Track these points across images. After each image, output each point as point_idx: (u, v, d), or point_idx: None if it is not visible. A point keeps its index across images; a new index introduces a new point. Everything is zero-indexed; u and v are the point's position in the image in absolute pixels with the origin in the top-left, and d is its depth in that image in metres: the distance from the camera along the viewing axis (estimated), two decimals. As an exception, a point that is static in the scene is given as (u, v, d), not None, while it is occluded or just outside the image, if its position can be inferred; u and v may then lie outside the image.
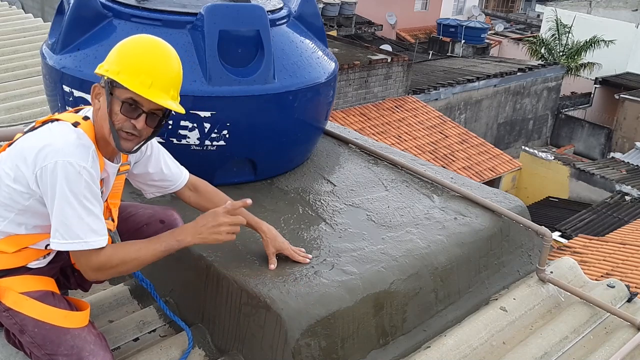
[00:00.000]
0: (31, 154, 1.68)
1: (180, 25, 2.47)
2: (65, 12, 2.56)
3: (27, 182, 1.70)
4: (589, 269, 8.75)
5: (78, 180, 1.66)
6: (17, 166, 1.71)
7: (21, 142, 1.77)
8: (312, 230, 2.39)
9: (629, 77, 23.13)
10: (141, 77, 1.71)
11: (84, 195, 1.67)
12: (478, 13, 33.11)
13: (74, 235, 1.68)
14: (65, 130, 1.73)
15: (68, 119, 1.78)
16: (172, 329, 2.25)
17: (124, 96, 1.72)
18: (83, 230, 1.68)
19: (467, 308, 2.46)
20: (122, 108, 1.73)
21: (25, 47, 5.02)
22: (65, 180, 1.65)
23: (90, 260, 1.74)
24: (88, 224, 1.69)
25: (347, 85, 14.43)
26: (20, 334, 1.82)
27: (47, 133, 1.73)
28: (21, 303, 1.79)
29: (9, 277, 1.80)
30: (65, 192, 1.65)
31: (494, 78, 18.17)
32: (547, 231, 2.64)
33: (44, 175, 1.65)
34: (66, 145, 1.68)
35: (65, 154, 1.66)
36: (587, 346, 2.40)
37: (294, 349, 1.93)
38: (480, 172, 14.49)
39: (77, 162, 1.66)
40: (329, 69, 2.79)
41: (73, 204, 1.66)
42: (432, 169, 3.01)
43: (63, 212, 1.66)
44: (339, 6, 24.36)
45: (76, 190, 1.66)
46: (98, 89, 1.78)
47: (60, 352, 1.80)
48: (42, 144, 1.68)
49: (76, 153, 1.68)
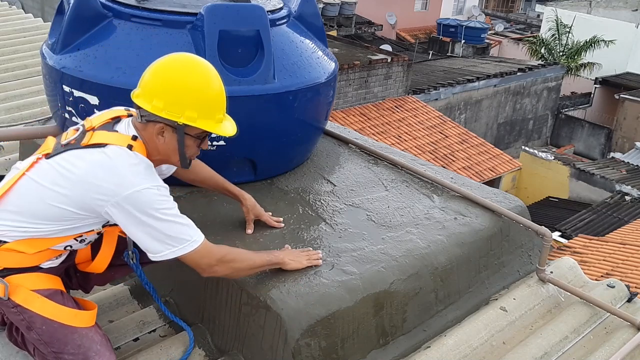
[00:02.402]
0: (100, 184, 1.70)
1: (180, 25, 2.47)
2: (65, 12, 2.56)
3: (90, 208, 1.73)
4: (589, 269, 8.76)
5: (159, 198, 1.74)
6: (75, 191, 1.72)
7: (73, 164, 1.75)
8: (312, 230, 2.39)
9: (629, 77, 23.13)
10: (216, 116, 1.83)
11: (169, 207, 1.76)
12: (478, 13, 33.11)
13: (182, 240, 1.77)
14: (125, 156, 1.76)
15: (119, 142, 1.78)
16: (172, 329, 2.25)
17: (197, 132, 1.83)
18: (188, 233, 1.78)
19: (467, 308, 2.46)
20: (196, 142, 1.86)
21: (25, 47, 5.02)
22: (150, 203, 1.71)
23: (211, 252, 1.83)
24: (187, 225, 1.79)
25: (347, 85, 14.43)
26: (27, 330, 1.82)
27: (108, 161, 1.73)
28: (31, 300, 1.80)
29: (21, 274, 1.81)
30: (155, 214, 1.72)
31: (494, 78, 18.17)
32: (547, 231, 2.64)
33: (126, 205, 1.70)
34: (136, 172, 1.73)
35: (141, 181, 1.71)
36: (587, 346, 2.40)
37: (294, 349, 1.93)
38: (480, 172, 14.50)
39: (152, 184, 1.73)
40: (329, 69, 2.79)
41: (167, 219, 1.74)
42: (432, 169, 3.01)
43: (163, 230, 1.74)
44: (339, 6, 24.35)
45: (162, 206, 1.74)
46: (162, 128, 1.80)
47: (67, 351, 1.81)
48: (110, 174, 1.71)
49: (146, 175, 1.74)
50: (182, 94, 1.77)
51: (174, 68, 1.81)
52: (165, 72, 1.80)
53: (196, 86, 1.79)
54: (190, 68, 1.82)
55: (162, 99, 1.76)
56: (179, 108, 1.76)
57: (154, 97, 1.77)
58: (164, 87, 1.77)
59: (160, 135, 1.81)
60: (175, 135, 1.81)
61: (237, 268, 1.93)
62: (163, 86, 1.77)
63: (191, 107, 1.77)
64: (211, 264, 1.84)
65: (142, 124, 1.82)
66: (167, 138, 1.82)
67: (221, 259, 1.86)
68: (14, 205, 1.77)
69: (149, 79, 1.80)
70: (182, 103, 1.76)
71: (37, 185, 1.75)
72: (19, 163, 1.89)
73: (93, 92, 2.43)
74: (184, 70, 1.80)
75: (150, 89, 1.78)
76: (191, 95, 1.77)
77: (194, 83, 1.79)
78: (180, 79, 1.78)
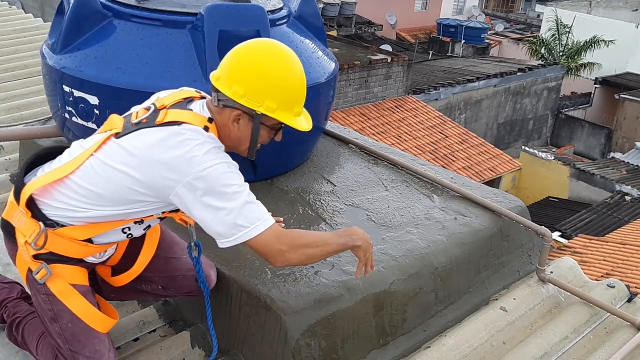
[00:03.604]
0: (173, 162, 1.64)
1: (180, 25, 2.47)
2: (65, 12, 2.56)
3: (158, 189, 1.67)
4: (589, 269, 8.76)
5: (229, 174, 1.67)
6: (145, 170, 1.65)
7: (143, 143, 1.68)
8: (312, 230, 2.39)
9: (629, 77, 23.14)
10: (294, 109, 1.78)
11: (239, 183, 1.68)
12: (478, 13, 33.11)
13: (254, 219, 1.67)
14: (201, 135, 1.69)
15: (195, 121, 1.72)
16: (172, 329, 2.25)
17: (273, 123, 1.76)
18: (260, 211, 1.69)
19: (467, 308, 2.46)
20: (270, 133, 1.80)
21: (25, 47, 5.02)
22: (221, 179, 1.64)
23: (281, 237, 1.71)
24: (259, 204, 1.71)
25: (347, 85, 14.43)
26: (51, 321, 1.79)
27: (184, 139, 1.66)
28: (68, 294, 1.76)
29: (65, 264, 1.76)
30: (226, 190, 1.64)
31: (494, 78, 18.17)
32: (547, 231, 2.64)
33: (197, 184, 1.63)
34: (208, 151, 1.66)
35: (212, 158, 1.65)
36: (587, 346, 2.40)
37: (294, 349, 1.93)
38: (480, 172, 14.50)
39: (221, 161, 1.67)
40: (329, 69, 2.79)
41: (240, 195, 1.66)
42: (432, 169, 3.01)
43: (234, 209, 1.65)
44: (339, 6, 24.35)
45: (232, 183, 1.66)
46: (238, 114, 1.74)
47: (84, 353, 1.80)
48: (183, 152, 1.64)
49: (215, 153, 1.68)
50: (264, 83, 1.70)
51: (259, 55, 1.73)
52: (249, 58, 1.73)
53: (279, 76, 1.72)
54: (276, 57, 1.75)
55: (243, 86, 1.70)
56: (259, 97, 1.70)
57: (235, 82, 1.70)
58: (247, 74, 1.71)
59: (236, 122, 1.75)
60: (251, 123, 1.74)
61: (310, 255, 1.79)
62: (245, 73, 1.71)
63: (272, 97, 1.71)
64: (282, 250, 1.71)
65: (217, 107, 1.75)
66: (242, 125, 1.75)
67: (292, 243, 1.73)
68: (80, 187, 1.70)
69: (231, 64, 1.73)
70: (263, 92, 1.70)
71: (106, 167, 1.68)
72: (82, 141, 1.81)
73: (93, 92, 2.43)
74: (269, 59, 1.73)
75: (231, 74, 1.72)
76: (273, 85, 1.71)
77: (277, 73, 1.72)
78: (264, 67, 1.71)
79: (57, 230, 1.72)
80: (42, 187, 1.72)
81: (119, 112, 2.45)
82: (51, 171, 1.74)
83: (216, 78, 1.75)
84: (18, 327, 2.00)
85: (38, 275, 1.73)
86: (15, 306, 2.05)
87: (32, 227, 1.71)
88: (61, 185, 1.71)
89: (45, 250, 1.72)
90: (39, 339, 1.94)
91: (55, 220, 1.72)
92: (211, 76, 1.77)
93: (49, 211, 1.72)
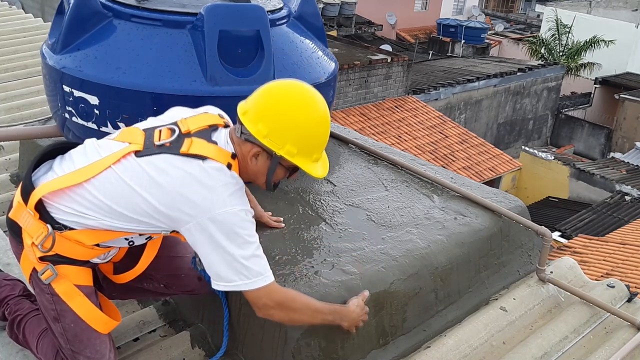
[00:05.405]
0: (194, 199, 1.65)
1: (180, 25, 2.47)
2: (65, 12, 2.56)
3: (171, 219, 1.68)
4: (589, 269, 8.76)
5: (244, 223, 1.69)
6: (165, 200, 1.66)
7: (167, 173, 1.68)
8: (312, 230, 2.39)
9: (629, 77, 23.15)
10: (314, 155, 1.78)
11: (251, 234, 1.70)
12: (478, 13, 33.13)
13: (257, 273, 1.70)
14: (224, 174, 1.70)
15: (219, 158, 1.72)
16: (172, 329, 2.25)
17: (290, 164, 1.77)
18: (263, 267, 1.72)
19: (467, 308, 2.46)
20: (285, 172, 1.82)
21: (25, 47, 5.02)
22: (237, 225, 1.66)
23: (272, 295, 1.74)
24: (264, 258, 1.73)
25: (347, 85, 14.43)
26: (53, 321, 1.80)
27: (207, 177, 1.67)
28: (72, 295, 1.77)
29: (71, 266, 1.77)
30: (238, 238, 1.66)
31: (494, 78, 18.19)
32: (547, 231, 2.64)
33: (211, 225, 1.65)
34: (231, 193, 1.68)
35: (233, 202, 1.67)
36: (587, 346, 2.40)
37: (294, 349, 1.94)
38: (480, 172, 14.51)
39: (241, 208, 1.68)
40: (329, 69, 2.79)
41: (250, 246, 1.69)
42: (432, 169, 3.01)
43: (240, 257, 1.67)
44: (339, 6, 24.35)
45: (246, 232, 1.68)
46: (258, 151, 1.75)
47: (85, 354, 1.81)
48: (206, 191, 1.65)
49: (237, 197, 1.70)
50: (289, 128, 1.71)
51: (288, 99, 1.74)
52: (279, 100, 1.73)
53: (305, 125, 1.73)
54: (304, 104, 1.74)
55: (267, 126, 1.70)
56: (281, 140, 1.71)
57: (260, 121, 1.70)
58: (273, 116, 1.71)
59: (254, 158, 1.75)
60: (269, 162, 1.76)
61: (294, 319, 1.85)
62: (272, 114, 1.71)
63: (293, 142, 1.71)
64: (269, 306, 1.75)
65: (239, 139, 1.76)
66: (259, 162, 1.76)
67: (282, 304, 1.77)
68: (94, 198, 1.69)
69: (260, 102, 1.74)
70: (286, 136, 1.70)
71: (125, 185, 1.68)
72: (96, 142, 1.80)
73: (93, 92, 2.43)
74: (297, 105, 1.73)
75: (258, 111, 1.72)
76: (297, 132, 1.71)
77: (304, 121, 1.72)
78: (291, 112, 1.72)
79: (65, 233, 1.72)
80: (53, 191, 1.71)
81: (119, 112, 2.43)
82: (65, 175, 1.73)
83: (243, 112, 1.75)
84: (19, 325, 2.00)
85: (44, 276, 1.73)
86: (17, 304, 2.05)
87: (40, 229, 1.71)
88: (74, 192, 1.70)
89: (52, 253, 1.72)
90: (39, 337, 1.94)
91: (64, 224, 1.72)
92: (239, 108, 1.77)
93: (58, 215, 1.72)
